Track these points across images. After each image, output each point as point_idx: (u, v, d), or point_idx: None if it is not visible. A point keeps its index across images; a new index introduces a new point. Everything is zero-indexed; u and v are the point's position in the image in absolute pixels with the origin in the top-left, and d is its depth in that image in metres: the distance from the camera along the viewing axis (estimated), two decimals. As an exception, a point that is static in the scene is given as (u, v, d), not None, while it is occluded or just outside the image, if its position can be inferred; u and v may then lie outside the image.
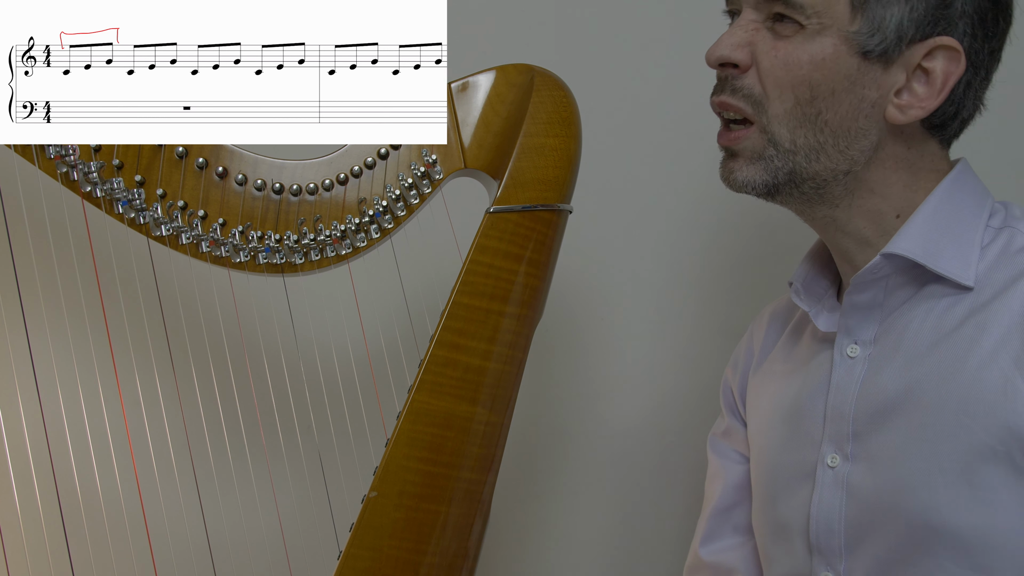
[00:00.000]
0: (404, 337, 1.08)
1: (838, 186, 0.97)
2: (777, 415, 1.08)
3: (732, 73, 0.97)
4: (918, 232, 0.96)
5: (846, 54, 0.93)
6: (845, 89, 0.93)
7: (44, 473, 1.08)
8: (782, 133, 0.95)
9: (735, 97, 0.97)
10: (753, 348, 1.17)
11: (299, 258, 1.04)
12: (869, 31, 0.92)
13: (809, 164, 0.96)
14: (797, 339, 1.11)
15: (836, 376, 1.01)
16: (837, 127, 0.94)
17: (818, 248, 1.08)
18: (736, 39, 0.96)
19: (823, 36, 0.93)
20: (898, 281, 0.98)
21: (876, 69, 0.93)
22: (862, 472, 0.97)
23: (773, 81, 0.94)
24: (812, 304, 1.05)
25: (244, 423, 1.10)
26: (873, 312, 0.99)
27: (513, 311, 1.05)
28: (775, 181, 0.97)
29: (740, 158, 0.98)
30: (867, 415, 0.97)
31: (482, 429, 1.04)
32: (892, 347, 0.97)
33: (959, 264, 0.95)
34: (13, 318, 1.09)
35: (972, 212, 0.97)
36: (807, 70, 0.93)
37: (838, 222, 0.99)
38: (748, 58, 0.96)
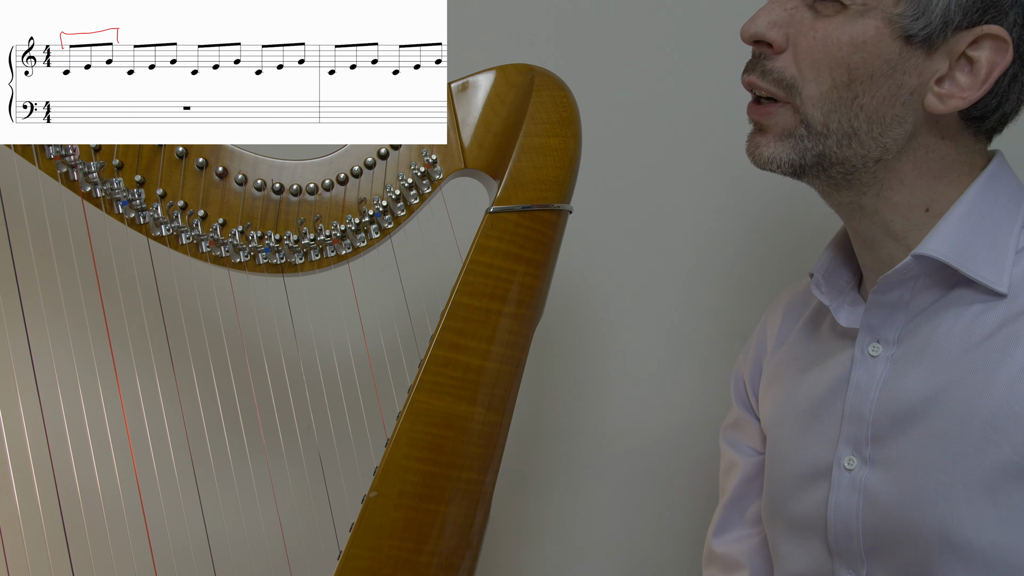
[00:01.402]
0: (404, 337, 1.08)
1: (867, 174, 0.94)
2: (792, 409, 1.05)
3: (766, 52, 0.94)
4: (951, 232, 0.92)
5: (888, 37, 0.89)
6: (884, 74, 0.90)
7: (44, 473, 1.08)
8: (815, 115, 0.92)
9: (766, 80, 0.94)
10: (766, 337, 1.15)
11: (299, 258, 1.04)
12: (914, 14, 0.88)
13: (840, 149, 0.92)
14: (815, 331, 1.07)
15: (856, 374, 0.97)
16: (873, 113, 0.91)
17: (841, 237, 1.05)
18: (774, 16, 0.93)
19: (866, 17, 0.89)
20: (927, 282, 0.94)
21: (918, 55, 0.90)
22: (880, 478, 0.94)
23: (810, 62, 0.91)
24: (833, 297, 1.02)
25: (244, 423, 1.10)
26: (898, 311, 0.96)
27: (513, 311, 1.05)
28: (802, 162, 0.94)
29: (769, 133, 0.95)
30: (888, 419, 0.94)
31: (482, 429, 1.04)
32: (918, 350, 0.94)
33: (992, 269, 0.91)
34: (13, 318, 1.09)
35: (1008, 212, 0.94)
36: (847, 52, 0.90)
37: (865, 209, 0.96)
38: (784, 39, 0.93)
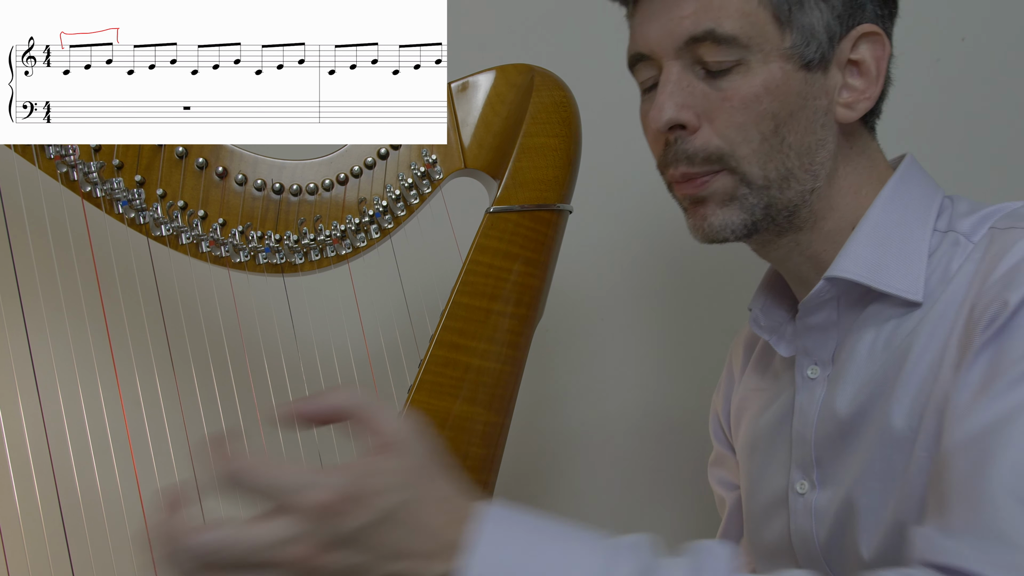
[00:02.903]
0: (404, 337, 1.08)
1: (805, 208, 0.92)
2: (756, 441, 1.06)
3: (680, 135, 0.91)
4: (859, 249, 0.91)
5: (792, 72, 0.89)
6: (800, 107, 0.89)
7: (44, 473, 1.08)
8: (754, 171, 0.90)
9: (696, 163, 0.90)
10: (733, 372, 1.16)
11: (299, 258, 1.04)
12: (804, 41, 0.88)
13: (782, 193, 0.91)
14: (768, 361, 1.08)
15: (799, 399, 0.97)
16: (800, 147, 0.90)
17: (770, 277, 1.05)
18: (677, 99, 0.90)
19: (766, 63, 0.88)
20: (848, 300, 0.93)
21: (819, 76, 0.90)
22: (827, 499, 0.94)
23: (735, 127, 0.89)
24: (772, 331, 1.02)
25: (244, 423, 1.10)
26: (829, 332, 0.95)
27: (513, 311, 1.05)
28: (753, 219, 0.91)
29: (710, 203, 0.92)
30: (826, 439, 0.94)
31: (482, 429, 1.04)
32: (845, 367, 0.93)
33: (905, 279, 0.89)
34: (13, 318, 1.09)
35: (918, 217, 0.92)
36: (765, 102, 0.88)
37: (800, 246, 0.95)
38: (696, 117, 0.90)
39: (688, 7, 0.89)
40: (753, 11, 0.88)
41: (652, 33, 0.91)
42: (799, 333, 0.97)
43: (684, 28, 0.89)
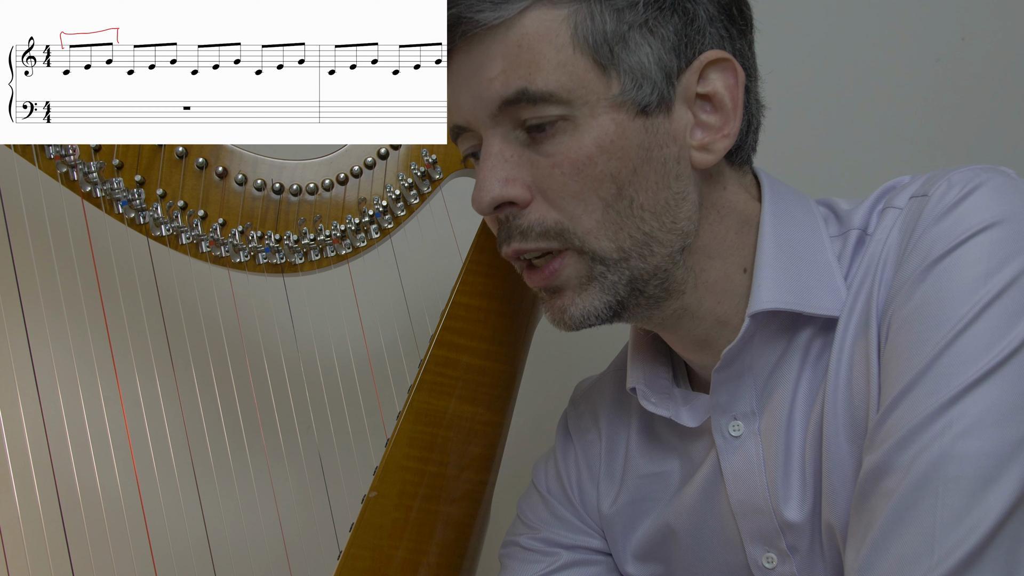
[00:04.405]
0: (404, 337, 1.08)
1: (679, 269, 0.82)
2: (659, 530, 0.92)
3: (512, 212, 0.81)
4: (774, 276, 0.80)
5: (627, 122, 0.77)
6: (644, 160, 0.78)
7: (44, 473, 1.08)
8: (604, 245, 0.79)
9: (530, 239, 0.80)
10: (588, 457, 1.01)
11: (299, 258, 1.04)
12: (634, 85, 0.77)
13: (646, 262, 0.80)
14: (653, 444, 0.94)
15: (728, 464, 0.85)
16: (655, 206, 0.79)
17: (638, 342, 0.94)
18: (501, 173, 0.79)
19: (595, 117, 0.77)
20: (763, 337, 0.83)
21: (662, 121, 0.78)
22: (813, 566, 0.82)
23: (570, 195, 0.78)
24: (666, 405, 0.89)
25: (244, 423, 1.10)
26: (745, 380, 0.84)
27: (513, 311, 1.05)
28: (618, 298, 0.80)
29: (566, 291, 0.81)
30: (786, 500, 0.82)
31: (482, 429, 1.04)
32: (784, 413, 0.82)
33: (829, 296, 0.80)
34: (13, 318, 1.09)
35: (809, 228, 0.83)
36: (601, 162, 0.77)
37: (689, 309, 0.84)
38: (526, 190, 0.79)
39: (495, 67, 0.78)
40: (568, 60, 0.76)
41: (464, 101, 0.81)
42: (716, 388, 0.85)
43: (495, 91, 0.78)
